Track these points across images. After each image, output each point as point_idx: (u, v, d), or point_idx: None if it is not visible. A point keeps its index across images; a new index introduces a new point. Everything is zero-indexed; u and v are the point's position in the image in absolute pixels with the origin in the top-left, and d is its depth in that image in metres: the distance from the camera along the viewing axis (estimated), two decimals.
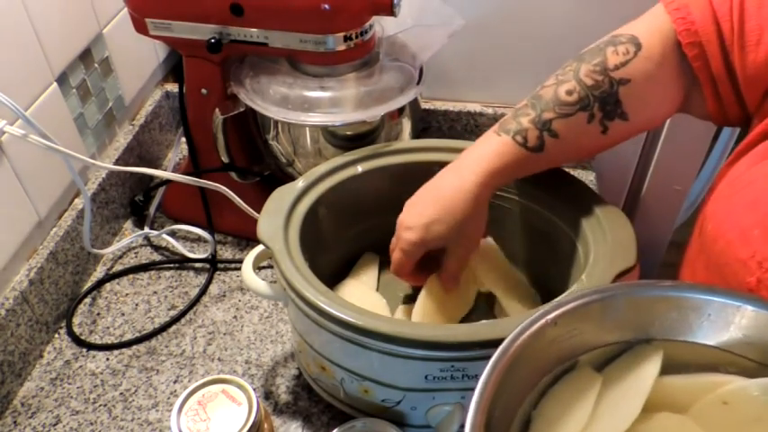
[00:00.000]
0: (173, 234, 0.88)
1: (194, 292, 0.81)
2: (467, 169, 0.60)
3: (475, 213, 0.61)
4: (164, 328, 0.77)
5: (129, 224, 0.91)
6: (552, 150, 0.59)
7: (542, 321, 0.44)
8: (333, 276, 0.75)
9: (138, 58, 0.94)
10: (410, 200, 0.64)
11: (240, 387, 0.59)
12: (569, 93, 0.58)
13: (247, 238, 0.88)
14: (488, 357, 0.53)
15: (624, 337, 0.47)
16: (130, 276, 0.84)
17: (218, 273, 0.84)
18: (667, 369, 0.47)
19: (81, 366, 0.74)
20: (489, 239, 0.75)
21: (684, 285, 0.47)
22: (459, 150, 0.72)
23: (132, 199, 0.90)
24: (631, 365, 0.47)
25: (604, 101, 0.58)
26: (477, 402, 0.39)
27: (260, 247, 0.65)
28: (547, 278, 0.72)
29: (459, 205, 0.60)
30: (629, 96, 0.58)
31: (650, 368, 0.46)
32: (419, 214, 0.62)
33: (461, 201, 0.60)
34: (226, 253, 0.87)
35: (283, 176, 0.84)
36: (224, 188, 0.78)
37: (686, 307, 0.46)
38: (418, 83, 0.78)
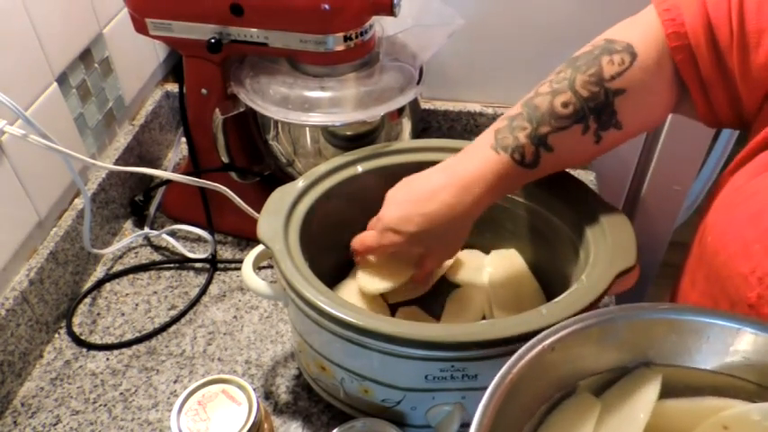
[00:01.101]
0: (173, 234, 0.88)
1: (194, 292, 0.81)
2: (463, 188, 0.59)
3: (462, 229, 0.61)
4: (164, 328, 0.77)
5: (129, 224, 0.91)
6: (545, 164, 0.59)
7: (540, 347, 0.44)
8: (333, 276, 0.75)
9: (138, 58, 0.94)
10: (395, 195, 0.63)
11: (240, 387, 0.59)
12: (565, 105, 0.57)
13: (247, 238, 0.88)
14: (488, 357, 0.54)
15: (623, 361, 0.47)
16: (130, 276, 0.84)
17: (218, 273, 0.84)
18: (667, 392, 0.46)
19: (81, 366, 0.74)
20: (513, 251, 0.75)
21: (683, 308, 0.47)
22: (458, 150, 0.72)
23: (132, 199, 0.90)
24: (630, 390, 0.47)
25: (599, 112, 0.57)
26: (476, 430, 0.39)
27: (260, 247, 0.65)
28: (547, 278, 0.72)
29: (449, 222, 0.60)
30: (625, 106, 0.57)
31: (649, 392, 0.46)
32: (406, 219, 0.61)
33: (453, 219, 0.59)
34: (226, 253, 0.87)
35: (283, 176, 0.84)
36: (224, 188, 0.78)
37: (685, 330, 0.45)
38: (418, 83, 0.78)
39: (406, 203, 0.62)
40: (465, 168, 0.60)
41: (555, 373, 0.46)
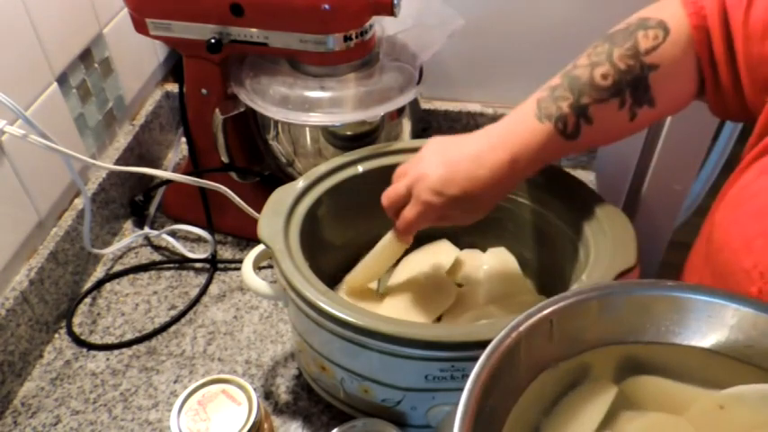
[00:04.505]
0: (173, 234, 0.88)
1: (194, 292, 0.81)
2: (512, 158, 0.58)
3: (497, 198, 0.61)
4: (164, 328, 0.77)
5: (129, 224, 0.91)
6: (584, 136, 0.59)
7: (538, 316, 0.44)
8: (333, 276, 0.75)
9: (138, 58, 0.94)
10: (433, 157, 0.61)
11: (240, 387, 0.59)
12: (604, 77, 0.57)
13: (247, 238, 0.88)
14: None
15: (622, 337, 0.47)
16: (130, 276, 0.84)
17: (218, 273, 0.84)
18: (664, 372, 0.46)
19: (81, 366, 0.74)
20: (503, 249, 0.75)
21: (685, 286, 0.47)
22: None
23: (132, 199, 0.90)
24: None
25: (636, 86, 0.58)
26: (469, 391, 0.39)
27: (260, 247, 0.65)
28: (547, 278, 0.72)
29: (491, 189, 0.59)
30: (658, 82, 0.58)
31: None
32: (450, 181, 0.59)
33: (495, 186, 0.59)
34: (226, 253, 0.87)
35: (283, 176, 0.84)
36: (224, 188, 0.78)
37: (686, 308, 0.45)
38: (418, 83, 0.78)
39: (451, 165, 0.60)
40: (512, 137, 0.59)
41: (553, 344, 0.46)
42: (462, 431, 0.38)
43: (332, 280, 0.74)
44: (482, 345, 0.53)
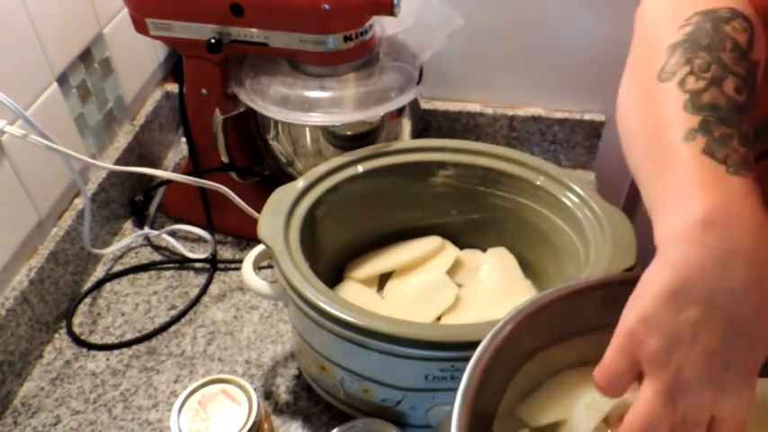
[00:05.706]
0: (173, 234, 0.88)
1: (194, 292, 0.81)
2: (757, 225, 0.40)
3: None
4: (164, 328, 0.77)
5: (129, 224, 0.91)
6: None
7: (539, 304, 0.45)
8: (333, 276, 0.75)
9: (138, 58, 0.94)
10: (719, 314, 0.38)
11: (240, 387, 0.59)
12: (738, 91, 0.44)
13: (247, 238, 0.88)
14: None
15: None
16: (130, 276, 0.84)
17: (218, 273, 0.84)
18: None
19: (81, 366, 0.74)
20: (503, 249, 0.75)
21: None
22: (458, 150, 0.72)
23: (132, 199, 0.90)
24: None
25: (753, 89, 0.46)
26: (468, 377, 0.42)
27: (260, 247, 0.65)
28: (547, 278, 0.72)
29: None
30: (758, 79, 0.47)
31: None
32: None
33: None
34: (226, 253, 0.87)
35: (283, 176, 0.84)
36: (224, 188, 0.78)
37: None
38: (418, 83, 0.78)
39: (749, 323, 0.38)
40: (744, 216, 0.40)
41: (554, 329, 0.47)
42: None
43: (332, 280, 0.74)
44: None
